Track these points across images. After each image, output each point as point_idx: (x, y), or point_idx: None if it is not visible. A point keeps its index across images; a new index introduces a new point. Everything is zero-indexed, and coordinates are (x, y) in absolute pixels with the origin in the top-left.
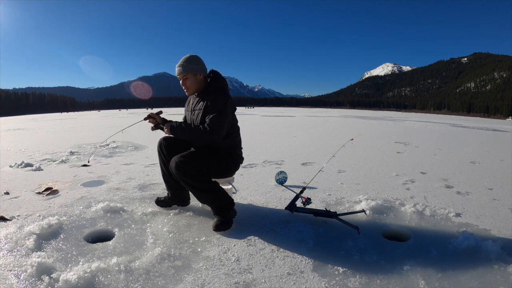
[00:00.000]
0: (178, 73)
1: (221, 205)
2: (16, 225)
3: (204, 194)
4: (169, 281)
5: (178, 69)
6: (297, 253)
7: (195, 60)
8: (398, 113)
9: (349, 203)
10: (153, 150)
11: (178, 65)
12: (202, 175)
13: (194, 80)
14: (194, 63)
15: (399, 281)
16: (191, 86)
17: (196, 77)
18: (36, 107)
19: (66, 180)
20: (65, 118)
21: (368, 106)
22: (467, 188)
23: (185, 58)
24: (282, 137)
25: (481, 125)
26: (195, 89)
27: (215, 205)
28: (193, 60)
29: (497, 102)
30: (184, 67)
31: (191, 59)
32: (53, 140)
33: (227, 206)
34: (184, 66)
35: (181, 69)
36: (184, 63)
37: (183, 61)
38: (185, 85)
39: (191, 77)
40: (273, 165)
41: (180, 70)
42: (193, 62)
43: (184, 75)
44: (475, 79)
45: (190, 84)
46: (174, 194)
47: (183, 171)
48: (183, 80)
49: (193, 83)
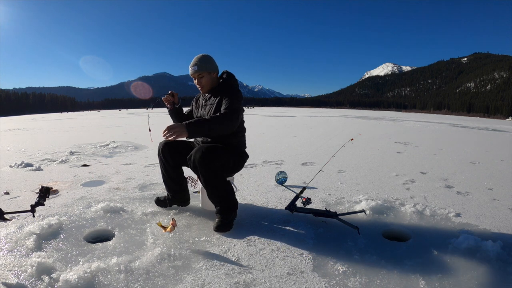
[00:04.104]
0: (193, 72)
1: (227, 206)
2: (16, 225)
3: (216, 191)
4: (169, 281)
5: (193, 68)
6: (297, 253)
7: (209, 59)
8: (398, 113)
9: (349, 203)
10: (153, 150)
11: (192, 65)
12: (221, 170)
13: (208, 78)
14: (208, 62)
15: (399, 281)
16: (206, 84)
17: (211, 75)
18: (36, 107)
19: (66, 180)
20: (65, 118)
21: (368, 106)
22: (467, 188)
23: (199, 57)
24: (282, 137)
25: (481, 125)
26: (210, 87)
27: (221, 204)
28: (207, 59)
29: (497, 102)
30: (199, 66)
31: (205, 58)
32: (53, 140)
33: (232, 207)
34: (199, 65)
35: (196, 68)
36: (198, 62)
37: (197, 61)
38: (200, 84)
39: (206, 76)
40: (273, 165)
41: (195, 69)
42: (207, 61)
43: (200, 74)
44: (475, 79)
45: (205, 82)
46: (175, 196)
47: (207, 162)
48: (199, 79)
49: (207, 81)
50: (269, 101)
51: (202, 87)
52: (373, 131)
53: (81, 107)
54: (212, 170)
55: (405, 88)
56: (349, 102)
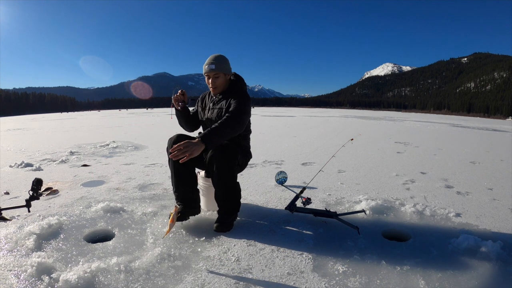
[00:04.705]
0: (209, 70)
1: (232, 207)
2: (16, 225)
3: (228, 190)
4: (169, 281)
5: (209, 66)
6: (297, 253)
7: (226, 60)
8: (398, 113)
9: (349, 203)
10: (153, 150)
11: (209, 63)
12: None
13: (223, 80)
14: (226, 63)
15: (399, 281)
16: (220, 85)
17: (226, 77)
18: (36, 107)
19: (66, 180)
20: (65, 118)
21: (368, 106)
22: (467, 188)
23: (216, 57)
24: (282, 137)
25: (481, 125)
26: (222, 89)
27: (227, 204)
28: (225, 60)
29: (497, 102)
30: (217, 66)
31: (223, 58)
32: (53, 140)
33: (235, 209)
34: (217, 64)
35: (213, 66)
36: (217, 61)
37: (215, 60)
38: (215, 84)
39: (222, 76)
40: (273, 165)
41: (213, 67)
42: (225, 62)
43: (216, 74)
44: (475, 79)
45: (220, 83)
46: (186, 203)
47: (227, 160)
48: (214, 78)
49: (222, 82)
50: (269, 101)
51: (215, 87)
52: (373, 131)
53: (81, 107)
54: (230, 168)
55: (405, 88)
56: (349, 102)
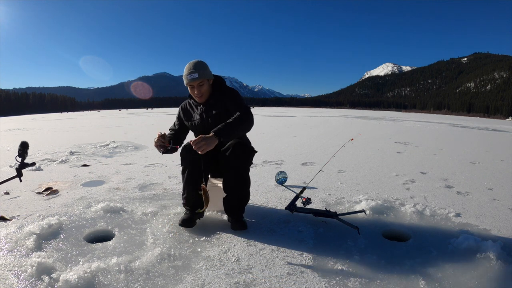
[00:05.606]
0: (191, 80)
1: (242, 204)
2: (16, 225)
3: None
4: (169, 281)
5: (192, 76)
6: (297, 253)
7: (206, 65)
8: (398, 113)
9: (349, 203)
10: (153, 150)
11: (191, 72)
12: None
13: (208, 86)
14: (207, 68)
15: (399, 281)
16: (205, 92)
17: (209, 83)
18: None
19: (66, 180)
20: (65, 118)
21: (368, 106)
22: (467, 188)
23: (195, 64)
24: (282, 137)
25: (481, 125)
26: (208, 95)
27: (242, 202)
28: (205, 65)
29: (497, 102)
30: (200, 73)
31: (202, 64)
32: (53, 140)
33: (243, 207)
34: (199, 72)
35: (197, 75)
36: (197, 69)
37: (197, 67)
38: (200, 92)
39: (206, 83)
40: (273, 165)
41: (196, 76)
42: (205, 68)
43: (201, 82)
44: (475, 79)
45: (205, 90)
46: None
47: (248, 152)
48: (199, 87)
49: (207, 89)
50: (269, 101)
51: (201, 96)
52: (373, 131)
53: (81, 107)
54: (248, 161)
55: (405, 88)
56: (349, 102)
